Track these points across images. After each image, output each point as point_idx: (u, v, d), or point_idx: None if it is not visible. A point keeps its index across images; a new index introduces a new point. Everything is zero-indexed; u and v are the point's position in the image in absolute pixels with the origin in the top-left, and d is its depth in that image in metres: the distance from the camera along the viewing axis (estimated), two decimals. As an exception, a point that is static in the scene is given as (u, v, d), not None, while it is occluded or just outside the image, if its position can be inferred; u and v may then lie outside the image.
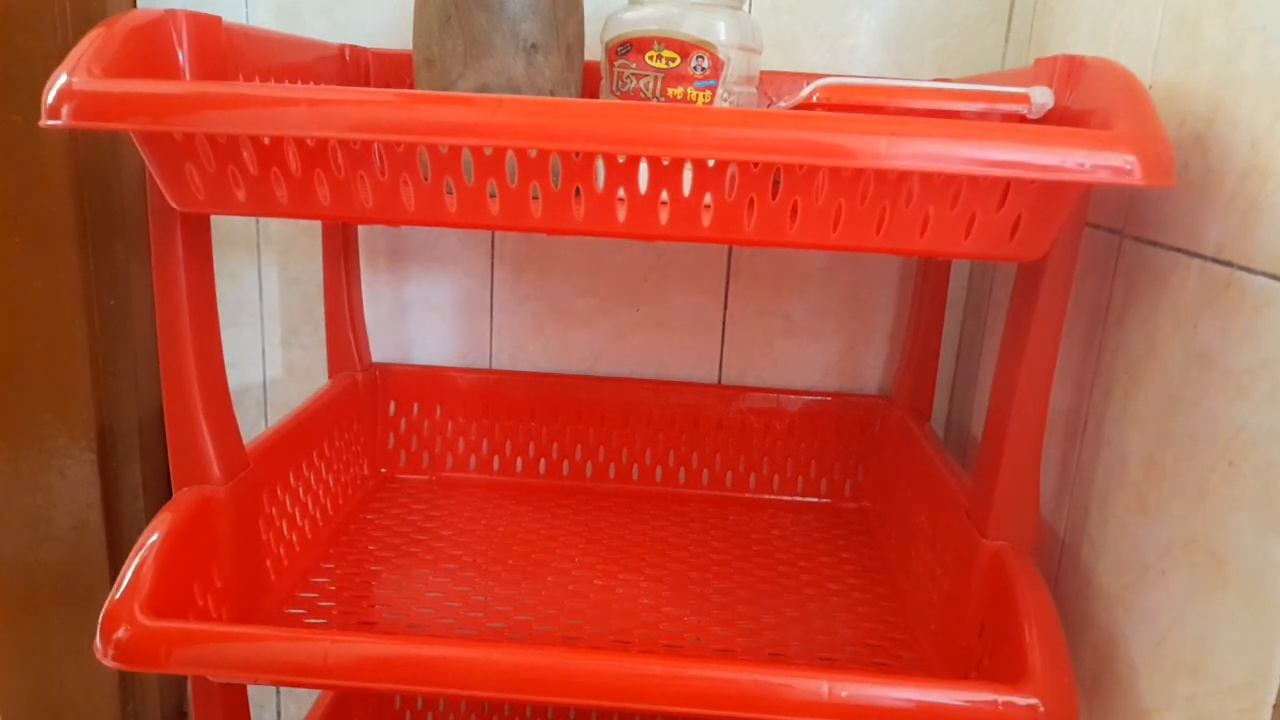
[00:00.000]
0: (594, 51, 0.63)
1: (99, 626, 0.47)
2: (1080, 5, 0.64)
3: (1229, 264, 0.44)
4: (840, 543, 0.76)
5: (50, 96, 0.43)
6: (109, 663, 0.46)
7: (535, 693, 0.47)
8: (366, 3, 0.78)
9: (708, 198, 0.45)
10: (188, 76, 0.51)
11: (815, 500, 0.84)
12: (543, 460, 0.85)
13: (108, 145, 0.75)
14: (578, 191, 0.46)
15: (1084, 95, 0.49)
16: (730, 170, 0.45)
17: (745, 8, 0.76)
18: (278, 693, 0.93)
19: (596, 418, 0.84)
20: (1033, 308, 0.51)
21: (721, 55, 0.58)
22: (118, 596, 0.48)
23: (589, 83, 0.66)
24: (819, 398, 0.84)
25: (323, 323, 0.83)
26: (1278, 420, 0.40)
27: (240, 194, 0.47)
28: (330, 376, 0.82)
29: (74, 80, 0.43)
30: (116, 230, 0.77)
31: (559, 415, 0.84)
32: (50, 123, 0.43)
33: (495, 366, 0.87)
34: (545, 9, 0.58)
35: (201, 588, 0.54)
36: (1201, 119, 0.47)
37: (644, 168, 0.45)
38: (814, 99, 0.49)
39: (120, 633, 0.47)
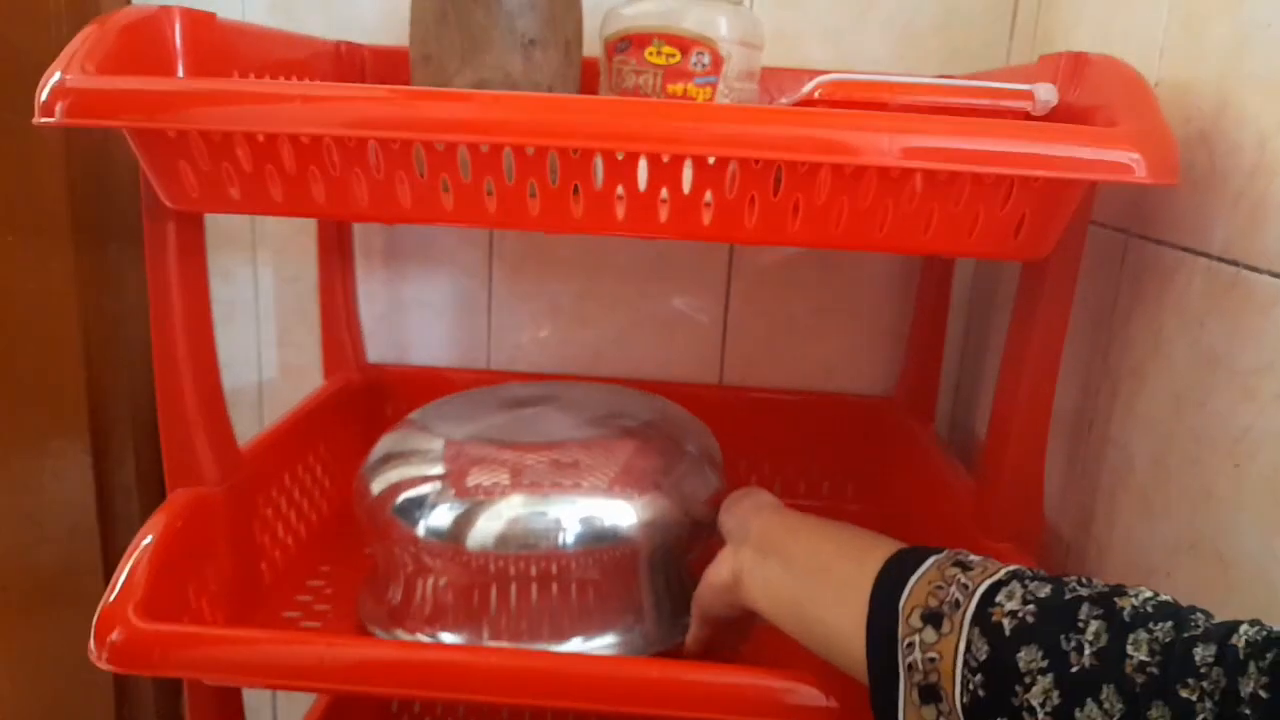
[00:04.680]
0: (592, 47, 0.63)
1: (93, 629, 0.47)
2: (1085, 1, 0.64)
3: (1235, 263, 0.44)
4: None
5: (44, 94, 0.43)
6: (103, 665, 0.47)
7: (533, 697, 0.47)
8: (363, -2, 0.78)
9: (708, 195, 0.46)
10: (182, 73, 0.51)
11: (817, 502, 0.84)
12: (541, 461, 0.85)
13: (102, 142, 0.75)
14: (576, 189, 0.46)
15: (1088, 92, 0.49)
16: (731, 167, 0.45)
17: (746, 3, 0.76)
18: (274, 696, 0.93)
19: (596, 418, 0.84)
20: (1037, 307, 0.51)
21: (722, 51, 0.58)
22: (112, 599, 0.48)
23: (587, 79, 0.66)
24: (821, 398, 0.84)
25: (318, 322, 0.83)
26: (1284, 421, 0.40)
27: (234, 192, 0.47)
28: (326, 377, 0.82)
29: (68, 78, 0.43)
30: (111, 229, 0.77)
31: (558, 416, 0.84)
32: (44, 120, 0.43)
33: (493, 367, 0.87)
34: (543, 4, 0.58)
35: (196, 590, 0.54)
36: (1208, 117, 0.47)
37: (643, 165, 0.45)
38: (816, 95, 0.49)
39: (114, 635, 0.47)
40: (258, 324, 0.86)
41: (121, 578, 0.49)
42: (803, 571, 0.46)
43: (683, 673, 0.47)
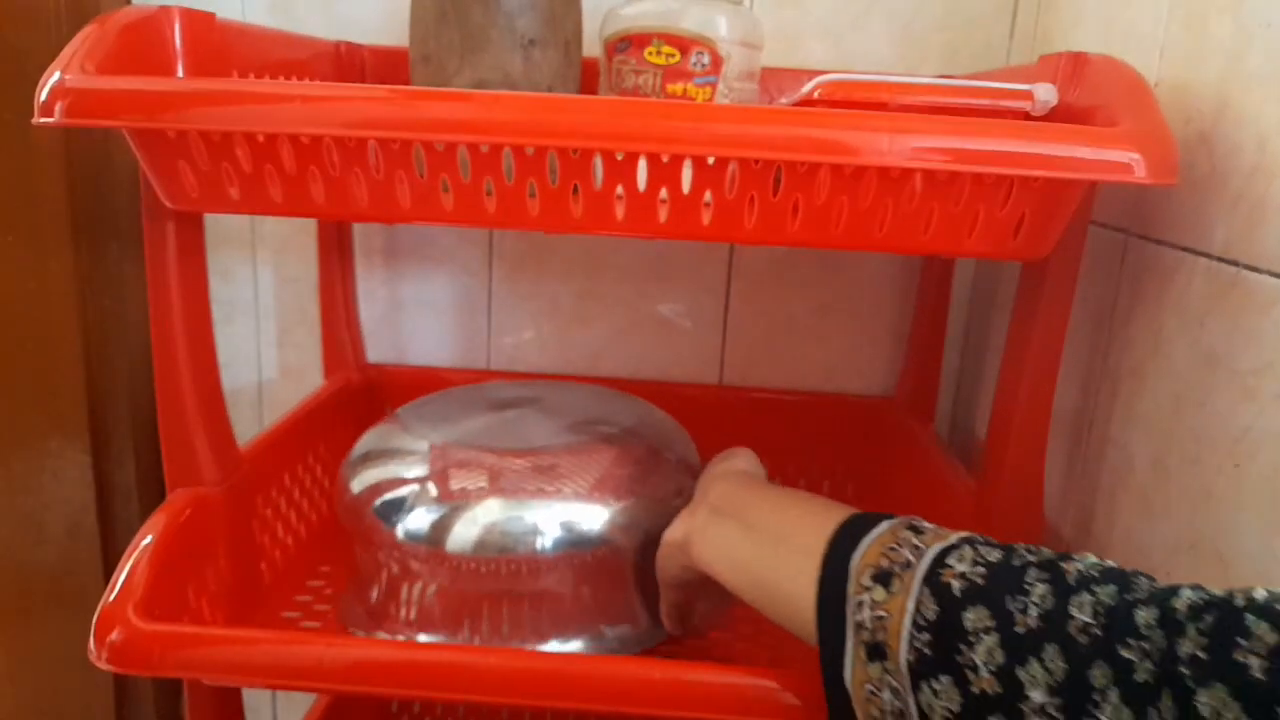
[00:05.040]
0: (592, 47, 0.63)
1: (93, 629, 0.47)
2: (1085, 1, 0.64)
3: (1235, 263, 0.44)
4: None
5: (43, 94, 0.43)
6: (103, 665, 0.47)
7: (534, 697, 0.47)
8: (363, -2, 0.78)
9: (707, 195, 0.46)
10: (181, 73, 0.51)
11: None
12: (541, 461, 0.85)
13: (102, 142, 0.75)
14: (576, 189, 0.46)
15: (1088, 92, 0.49)
16: (730, 167, 0.45)
17: (746, 2, 0.77)
18: (274, 697, 0.94)
19: (596, 418, 0.84)
20: (1037, 307, 0.51)
21: (722, 51, 0.58)
22: (111, 599, 0.48)
23: (587, 79, 0.67)
24: (821, 398, 0.84)
25: (318, 322, 0.83)
26: (1284, 421, 0.40)
27: (234, 192, 0.47)
28: (325, 377, 0.82)
29: (67, 77, 0.43)
30: (111, 229, 0.77)
31: (558, 416, 0.84)
32: (43, 120, 0.43)
33: (493, 367, 0.87)
34: (543, 4, 0.58)
35: (196, 590, 0.54)
36: (1208, 117, 0.47)
37: (643, 165, 0.45)
38: (816, 95, 0.49)
39: (114, 635, 0.47)
40: (258, 324, 0.86)
41: (121, 578, 0.49)
42: (758, 533, 0.47)
43: (684, 673, 0.47)
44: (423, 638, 0.56)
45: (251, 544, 0.61)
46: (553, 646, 0.55)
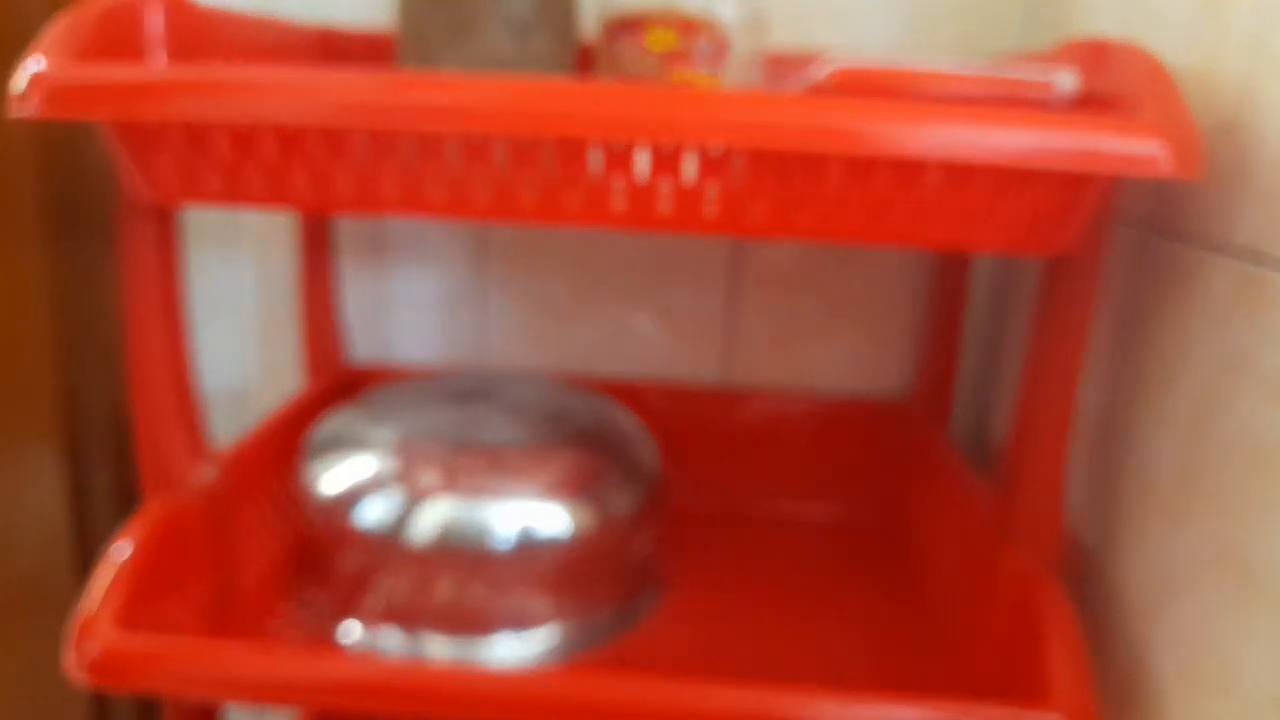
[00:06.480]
0: (589, 32, 0.64)
1: (70, 641, 0.47)
2: (1107, -17, 0.64)
3: (1261, 260, 0.45)
4: (852, 553, 0.76)
5: (19, 85, 0.43)
6: (80, 679, 0.47)
7: (530, 715, 0.47)
8: (350, -19, 0.78)
9: (712, 186, 0.46)
10: (161, 61, 0.51)
11: (825, 506, 0.84)
12: (538, 466, 0.85)
13: (77, 131, 0.75)
14: (572, 180, 0.46)
15: (1108, 80, 0.50)
16: (736, 157, 0.45)
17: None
18: (262, 713, 0.94)
19: (595, 421, 0.84)
20: (1058, 306, 0.51)
21: (727, 34, 0.58)
22: (89, 610, 0.48)
23: (585, 65, 0.67)
24: (830, 400, 0.84)
25: (302, 321, 0.83)
26: (1314, 423, 0.40)
27: (214, 183, 0.47)
28: (310, 377, 0.82)
29: (43, 68, 0.44)
30: (88, 222, 0.77)
31: (555, 418, 0.84)
32: (20, 113, 0.43)
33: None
34: (538, -13, 0.59)
35: (177, 601, 0.54)
36: (1230, 107, 0.47)
37: (644, 154, 0.45)
38: (827, 80, 0.49)
39: (92, 648, 0.47)
40: (240, 323, 0.86)
41: (98, 589, 0.49)
42: None
43: (682, 691, 0.47)
44: (384, 631, 0.59)
45: (234, 552, 0.61)
46: (509, 641, 0.59)
